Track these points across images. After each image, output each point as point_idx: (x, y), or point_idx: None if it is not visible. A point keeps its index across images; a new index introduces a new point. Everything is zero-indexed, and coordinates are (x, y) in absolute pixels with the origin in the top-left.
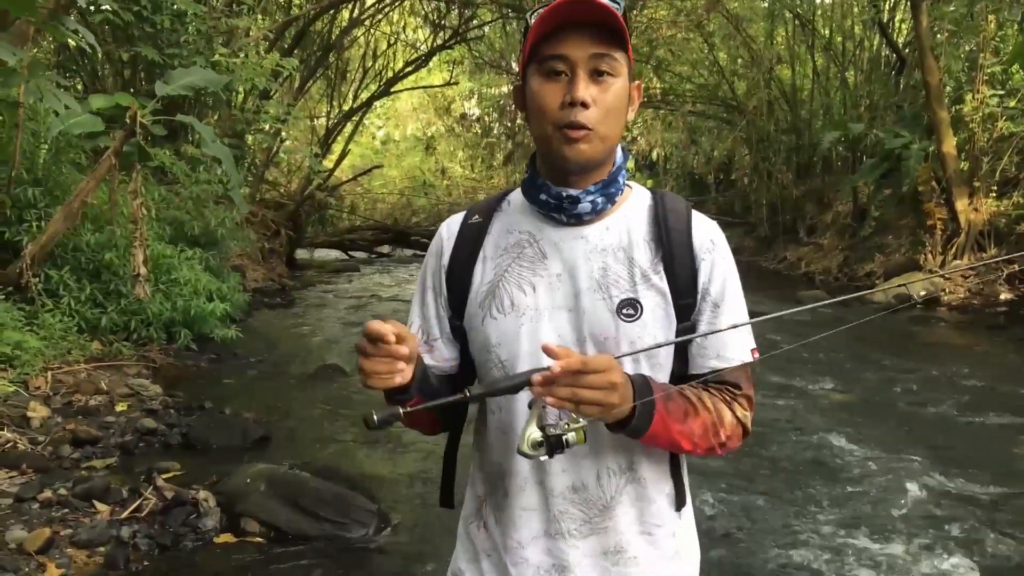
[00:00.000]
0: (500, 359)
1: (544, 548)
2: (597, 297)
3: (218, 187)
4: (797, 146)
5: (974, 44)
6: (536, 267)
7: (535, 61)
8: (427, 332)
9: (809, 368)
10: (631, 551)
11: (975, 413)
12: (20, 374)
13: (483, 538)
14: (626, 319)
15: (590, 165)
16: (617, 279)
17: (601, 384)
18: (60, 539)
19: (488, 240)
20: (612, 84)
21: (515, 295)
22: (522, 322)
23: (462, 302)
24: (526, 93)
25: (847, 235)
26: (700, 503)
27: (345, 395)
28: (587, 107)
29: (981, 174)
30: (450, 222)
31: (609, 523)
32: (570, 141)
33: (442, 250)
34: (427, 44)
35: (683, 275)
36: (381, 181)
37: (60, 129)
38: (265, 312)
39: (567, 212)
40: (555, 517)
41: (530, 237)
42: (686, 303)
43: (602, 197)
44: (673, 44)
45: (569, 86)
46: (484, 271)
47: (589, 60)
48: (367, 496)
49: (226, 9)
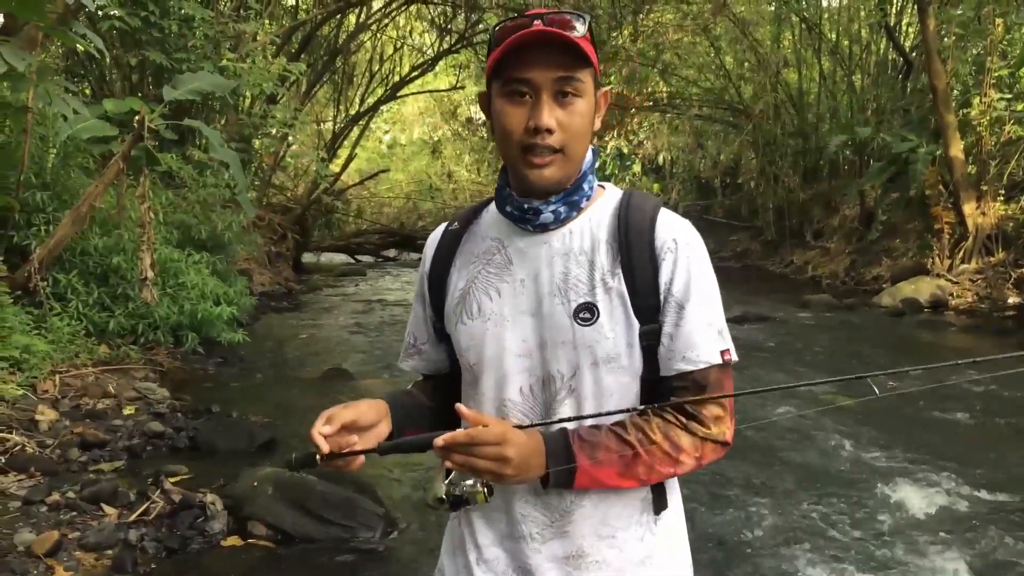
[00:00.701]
0: (470, 363)
1: (508, 550)
2: (557, 302)
3: (225, 191)
4: (804, 150)
5: (981, 47)
6: (503, 273)
7: (498, 80)
8: (416, 336)
9: (814, 371)
10: (593, 555)
11: (982, 418)
12: (28, 377)
13: (459, 533)
14: (583, 323)
15: (554, 185)
16: (576, 283)
17: (493, 456)
18: (68, 542)
19: (462, 247)
20: (577, 105)
21: (483, 301)
22: (487, 327)
23: (441, 308)
24: (491, 107)
25: (854, 239)
26: (703, 509)
27: (351, 398)
28: (552, 132)
29: (989, 178)
30: (436, 230)
31: (570, 527)
32: (533, 167)
33: (425, 257)
34: (433, 48)
35: (643, 276)
36: (387, 185)
37: (68, 134)
38: (272, 316)
39: (531, 222)
40: (518, 520)
41: (499, 244)
42: (647, 304)
43: (564, 206)
44: (679, 48)
45: (533, 110)
46: (458, 278)
47: (553, 83)
48: (374, 499)
49: (233, 14)
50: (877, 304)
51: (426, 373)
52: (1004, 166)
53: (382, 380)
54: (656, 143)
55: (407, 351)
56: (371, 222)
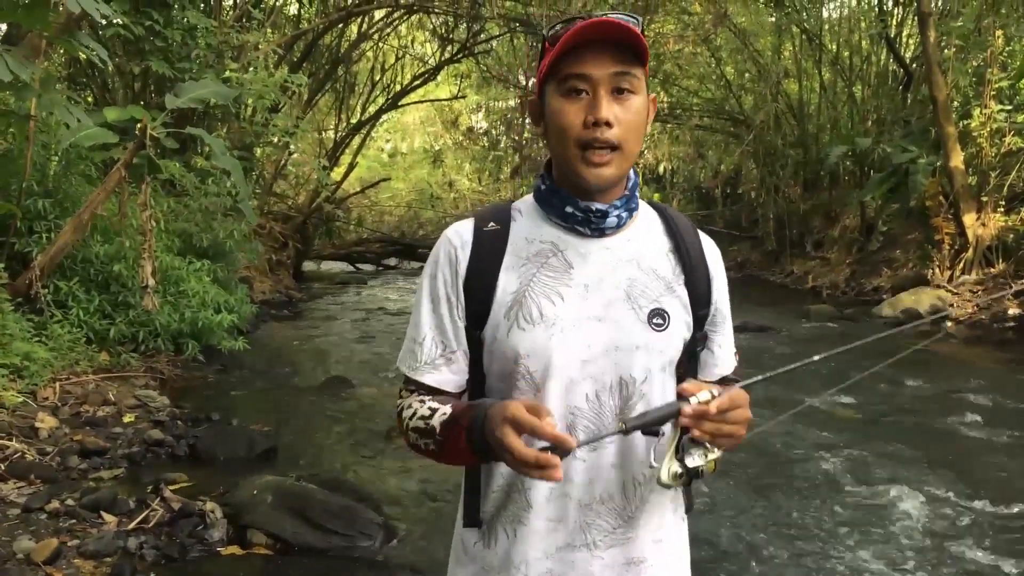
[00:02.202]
0: (529, 370)
1: (567, 560)
2: (626, 307)
3: (227, 199)
4: (804, 160)
5: (982, 59)
6: (562, 277)
7: (555, 79)
8: (445, 344)
9: (814, 383)
10: (650, 560)
11: (982, 429)
12: (28, 385)
13: (493, 555)
14: (656, 328)
15: (611, 185)
16: (644, 289)
17: (741, 420)
18: (67, 549)
19: (508, 248)
20: (633, 101)
21: (543, 305)
22: (552, 332)
23: (484, 312)
24: (545, 110)
25: (854, 249)
26: (707, 518)
27: (352, 407)
28: (611, 126)
29: (989, 189)
30: (459, 229)
31: (632, 533)
32: (592, 164)
33: (456, 258)
34: (435, 58)
35: (701, 287)
36: (389, 194)
37: (71, 142)
38: (272, 324)
39: (593, 225)
40: (581, 528)
41: (553, 247)
42: (702, 314)
43: (626, 212)
44: (680, 58)
45: (591, 105)
46: (507, 280)
47: (610, 79)
48: (374, 508)
49: (236, 24)
50: (877, 315)
51: (449, 389)
52: (1004, 177)
53: (383, 389)
54: (657, 153)
55: (431, 362)
56: (372, 231)
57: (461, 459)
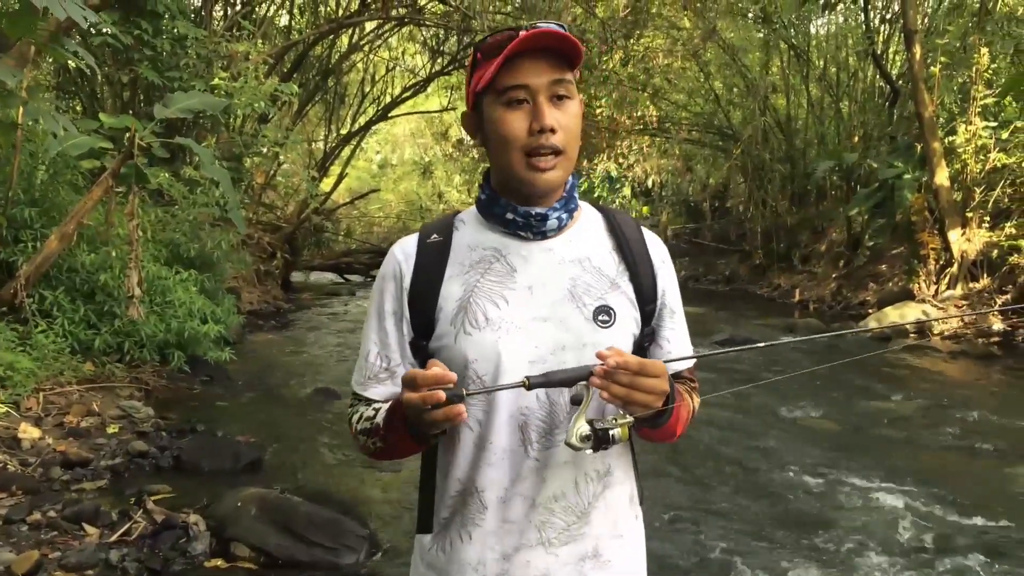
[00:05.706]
0: (479, 374)
1: (522, 560)
2: (571, 306)
3: (215, 209)
4: (792, 175)
5: (967, 76)
6: (506, 281)
7: (493, 91)
8: (388, 358)
9: (798, 397)
10: (606, 555)
11: (966, 443)
12: (12, 395)
13: (448, 560)
14: (602, 325)
15: (554, 188)
16: (588, 288)
17: (654, 389)
18: (49, 562)
19: (451, 258)
20: (570, 106)
21: (488, 309)
22: (499, 335)
23: (429, 322)
24: (483, 121)
25: (841, 263)
26: (685, 532)
27: (338, 419)
28: (555, 132)
29: (974, 205)
30: (404, 244)
31: (586, 528)
32: (538, 170)
33: (401, 272)
34: (426, 70)
35: (646, 283)
36: (378, 205)
37: (58, 151)
38: (259, 334)
39: (535, 229)
40: (536, 527)
41: (495, 253)
42: (649, 309)
43: (565, 213)
44: (669, 72)
45: (534, 113)
46: (451, 288)
47: (548, 86)
48: (358, 521)
49: (226, 34)
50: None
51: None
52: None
53: None
54: (646, 166)
55: (375, 376)
56: (361, 241)
57: (406, 448)
